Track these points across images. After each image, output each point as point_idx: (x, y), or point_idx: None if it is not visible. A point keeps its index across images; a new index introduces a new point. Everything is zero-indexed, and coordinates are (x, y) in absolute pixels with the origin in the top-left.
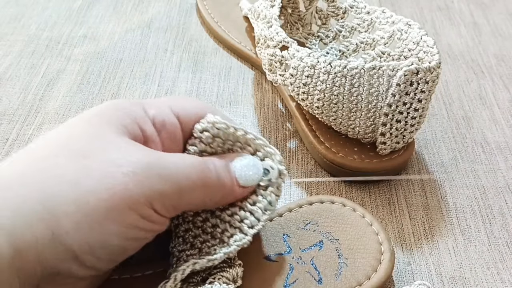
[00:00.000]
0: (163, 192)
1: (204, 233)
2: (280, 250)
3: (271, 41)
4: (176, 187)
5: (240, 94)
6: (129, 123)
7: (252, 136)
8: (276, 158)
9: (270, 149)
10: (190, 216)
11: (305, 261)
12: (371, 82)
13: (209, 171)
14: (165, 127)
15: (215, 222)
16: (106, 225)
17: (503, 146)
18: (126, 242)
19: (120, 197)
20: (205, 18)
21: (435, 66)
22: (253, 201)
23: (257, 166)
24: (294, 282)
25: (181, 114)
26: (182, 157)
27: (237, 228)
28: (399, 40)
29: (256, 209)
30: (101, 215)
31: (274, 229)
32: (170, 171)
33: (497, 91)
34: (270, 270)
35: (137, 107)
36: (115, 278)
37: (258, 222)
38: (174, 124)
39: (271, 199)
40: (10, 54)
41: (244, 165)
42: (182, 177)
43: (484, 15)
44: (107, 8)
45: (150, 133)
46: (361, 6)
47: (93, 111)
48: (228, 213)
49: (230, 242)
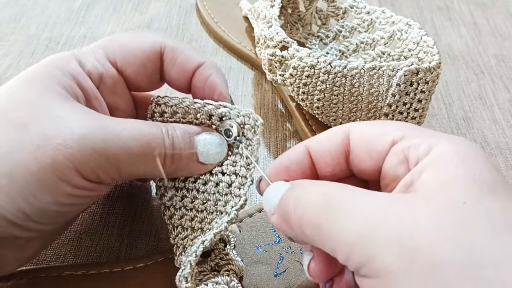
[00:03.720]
0: (97, 164)
1: (198, 212)
2: (269, 240)
3: (271, 41)
4: (113, 160)
5: (240, 94)
6: (68, 84)
7: (212, 106)
8: (233, 113)
9: (226, 108)
10: (179, 202)
11: (294, 251)
12: (371, 82)
13: (158, 144)
14: (103, 81)
15: (204, 198)
16: (39, 196)
17: (503, 146)
18: (64, 208)
19: (49, 169)
20: (205, 18)
21: (435, 66)
22: (232, 161)
23: (223, 147)
24: (284, 272)
25: (119, 61)
26: (127, 126)
27: (228, 194)
28: (399, 40)
29: (238, 169)
30: (33, 187)
31: (263, 219)
32: (107, 144)
33: (497, 91)
34: (260, 261)
35: (72, 62)
36: (106, 271)
37: (246, 179)
38: (112, 76)
39: (248, 152)
40: (10, 54)
41: (209, 141)
42: (120, 151)
43: (484, 15)
44: (107, 8)
45: (90, 90)
46: (361, 6)
47: (33, 73)
48: (212, 184)
49: (227, 209)
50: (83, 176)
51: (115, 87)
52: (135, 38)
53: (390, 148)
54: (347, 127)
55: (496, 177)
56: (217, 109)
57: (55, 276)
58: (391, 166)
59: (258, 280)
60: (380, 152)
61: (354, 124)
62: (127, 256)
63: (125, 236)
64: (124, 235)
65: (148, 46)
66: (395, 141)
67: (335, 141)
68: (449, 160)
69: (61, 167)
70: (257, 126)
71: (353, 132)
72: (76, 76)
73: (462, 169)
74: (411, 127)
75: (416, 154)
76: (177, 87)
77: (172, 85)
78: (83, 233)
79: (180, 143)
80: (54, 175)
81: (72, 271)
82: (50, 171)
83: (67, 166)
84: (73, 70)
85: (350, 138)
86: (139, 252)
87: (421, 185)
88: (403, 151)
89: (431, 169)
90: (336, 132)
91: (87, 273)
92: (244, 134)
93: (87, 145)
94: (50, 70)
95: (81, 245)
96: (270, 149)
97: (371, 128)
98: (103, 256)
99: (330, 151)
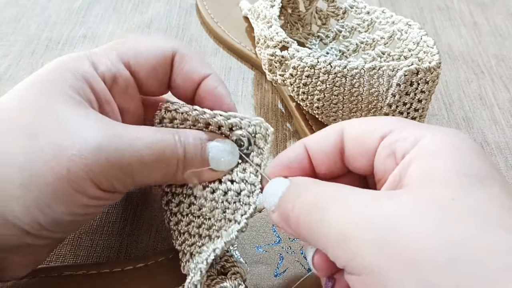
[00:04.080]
0: (111, 174)
1: (206, 219)
2: (269, 240)
3: (271, 41)
4: (126, 169)
5: (240, 94)
6: (81, 88)
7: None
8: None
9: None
10: (186, 209)
11: (294, 251)
12: (371, 82)
13: (171, 151)
14: (116, 82)
15: (211, 206)
16: (54, 207)
17: (503, 146)
18: (78, 218)
19: (65, 180)
20: (205, 18)
21: (435, 66)
22: (242, 168)
23: (234, 154)
24: (284, 272)
25: (132, 62)
26: (140, 135)
27: (236, 202)
28: (399, 40)
29: (248, 175)
30: (48, 198)
31: (263, 220)
32: (121, 153)
33: (497, 91)
34: (260, 261)
35: (85, 64)
36: (106, 271)
37: (255, 187)
38: (126, 77)
39: (258, 161)
40: (10, 54)
41: (221, 148)
42: (133, 159)
43: (484, 15)
44: (107, 8)
45: (102, 93)
46: (361, 6)
47: (44, 75)
48: (220, 193)
49: (237, 218)
50: (98, 187)
51: (127, 88)
52: (148, 42)
53: (379, 143)
54: (341, 126)
55: (485, 168)
56: (227, 120)
57: (55, 276)
58: (380, 162)
59: (258, 280)
60: (370, 149)
61: (347, 123)
62: (127, 256)
63: (125, 236)
64: (124, 235)
65: (160, 51)
66: (384, 136)
67: (329, 140)
68: (435, 153)
69: (76, 178)
70: (268, 135)
71: (346, 131)
72: (89, 79)
73: (448, 162)
74: (400, 121)
75: (403, 148)
76: (180, 95)
77: (176, 92)
78: (83, 233)
79: (192, 150)
80: (69, 186)
81: (72, 271)
82: (65, 182)
83: (83, 177)
84: (86, 72)
85: (344, 137)
86: (139, 252)
87: (409, 180)
88: (390, 145)
89: (417, 163)
90: (330, 132)
91: (87, 273)
92: (256, 143)
93: (102, 155)
94: (62, 72)
95: (81, 245)
96: (270, 149)
97: (361, 125)
98: (103, 256)
99: (326, 151)
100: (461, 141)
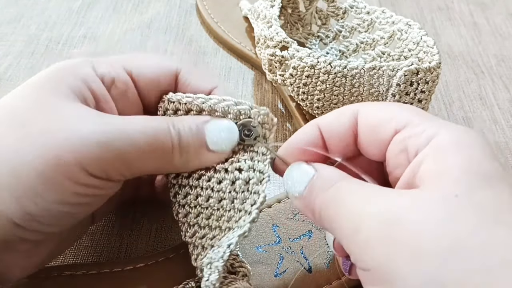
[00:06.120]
0: (103, 159)
1: (214, 210)
2: (269, 240)
3: (271, 41)
4: (119, 154)
5: (240, 94)
6: (76, 85)
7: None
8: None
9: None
10: (194, 200)
11: (294, 251)
12: (371, 82)
13: (164, 136)
14: (115, 84)
15: (219, 196)
16: (45, 195)
17: (503, 146)
18: (71, 208)
19: (54, 167)
20: (205, 18)
21: (435, 66)
22: (250, 157)
23: (232, 131)
24: (284, 272)
25: (134, 71)
26: (131, 121)
27: (245, 192)
28: (399, 40)
29: (256, 164)
30: (39, 186)
31: (263, 219)
32: (111, 138)
33: (497, 91)
34: (260, 261)
35: (85, 65)
36: (106, 271)
37: (263, 175)
38: (125, 81)
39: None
40: (10, 54)
41: (218, 126)
42: (125, 144)
43: (484, 15)
44: (107, 8)
45: (99, 92)
46: (361, 6)
47: (41, 74)
48: (228, 182)
49: (247, 208)
50: (89, 173)
51: (126, 92)
52: (153, 57)
53: (393, 136)
54: (355, 108)
55: (494, 167)
56: (235, 106)
57: (55, 276)
58: (393, 155)
59: (258, 280)
60: (383, 141)
61: (362, 106)
62: (127, 256)
63: (125, 236)
64: (124, 235)
65: (165, 64)
66: (398, 129)
67: (343, 122)
68: (447, 151)
69: (66, 163)
70: (273, 126)
71: (361, 115)
72: (86, 80)
73: (459, 160)
74: (415, 113)
75: (416, 145)
76: None
77: None
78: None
79: (187, 132)
80: (60, 173)
81: (72, 271)
82: (55, 168)
83: (73, 164)
84: (84, 74)
85: (358, 121)
86: (139, 252)
87: (420, 178)
88: (403, 141)
89: (429, 161)
90: (344, 114)
91: (87, 273)
92: (264, 134)
93: (91, 140)
94: (59, 73)
95: (81, 245)
96: None
97: (377, 112)
98: (103, 256)
99: (339, 132)
100: (472, 140)
